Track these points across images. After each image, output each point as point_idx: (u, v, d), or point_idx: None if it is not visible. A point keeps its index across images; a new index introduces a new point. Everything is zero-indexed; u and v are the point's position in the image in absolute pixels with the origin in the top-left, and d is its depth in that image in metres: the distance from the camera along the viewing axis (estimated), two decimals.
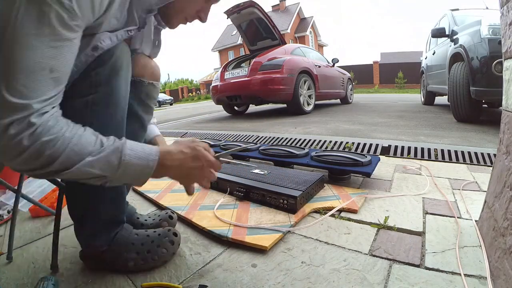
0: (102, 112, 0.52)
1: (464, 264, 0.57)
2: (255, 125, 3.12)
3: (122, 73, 0.54)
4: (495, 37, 2.04)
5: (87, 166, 0.42)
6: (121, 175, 0.46)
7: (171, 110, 9.50)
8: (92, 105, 0.51)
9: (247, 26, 4.38)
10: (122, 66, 0.54)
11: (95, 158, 0.43)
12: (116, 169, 0.45)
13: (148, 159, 0.47)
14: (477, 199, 0.89)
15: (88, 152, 0.42)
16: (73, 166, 0.41)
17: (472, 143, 1.70)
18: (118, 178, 0.46)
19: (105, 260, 0.63)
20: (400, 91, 12.42)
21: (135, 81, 0.66)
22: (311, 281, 0.56)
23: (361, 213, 0.84)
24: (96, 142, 0.44)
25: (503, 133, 0.62)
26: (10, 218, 0.97)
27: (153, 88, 0.71)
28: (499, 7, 0.61)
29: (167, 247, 0.65)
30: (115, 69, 0.52)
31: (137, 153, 0.46)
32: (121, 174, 0.45)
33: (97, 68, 0.50)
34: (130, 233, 0.65)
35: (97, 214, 0.60)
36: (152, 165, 0.48)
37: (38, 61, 0.38)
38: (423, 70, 4.65)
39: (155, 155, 0.48)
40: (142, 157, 0.47)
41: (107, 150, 0.44)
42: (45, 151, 0.39)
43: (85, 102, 0.50)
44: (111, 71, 0.52)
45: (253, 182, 0.97)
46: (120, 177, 0.46)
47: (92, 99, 0.51)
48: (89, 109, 0.51)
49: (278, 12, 23.88)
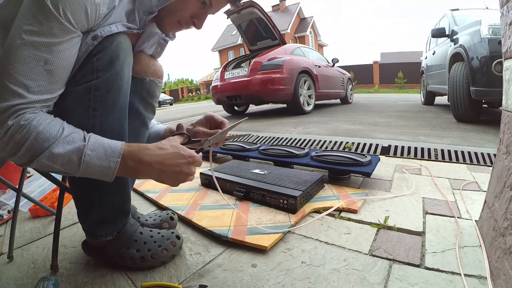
0: (105, 96, 0.52)
1: (464, 264, 0.57)
2: (255, 125, 3.12)
3: (122, 57, 0.53)
4: (495, 37, 2.04)
5: (49, 160, 0.44)
6: (85, 173, 0.47)
7: (171, 110, 9.50)
8: (95, 90, 0.51)
9: (247, 26, 4.38)
10: (122, 50, 0.54)
11: (56, 153, 0.44)
12: (77, 168, 0.46)
13: (110, 160, 0.47)
14: (477, 199, 0.89)
15: (52, 138, 0.44)
16: (37, 157, 0.43)
17: (472, 143, 1.70)
18: (82, 175, 0.47)
19: (106, 253, 0.63)
20: (400, 91, 12.42)
21: (137, 78, 0.66)
22: (311, 281, 0.56)
23: (361, 213, 0.84)
24: (59, 130, 0.45)
25: (503, 133, 0.62)
26: (10, 218, 0.97)
27: (155, 86, 0.71)
28: (499, 7, 0.61)
29: (168, 248, 0.65)
30: (115, 54, 0.52)
31: (98, 153, 0.47)
32: (84, 173, 0.47)
33: (98, 54, 0.50)
34: (135, 230, 0.66)
35: (102, 203, 0.60)
36: (113, 166, 0.48)
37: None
38: (423, 70, 4.65)
39: (117, 156, 0.48)
40: (103, 157, 0.47)
41: (68, 147, 0.45)
42: (15, 136, 0.42)
43: (88, 87, 0.50)
44: (111, 56, 0.52)
45: (253, 182, 0.97)
46: (84, 175, 0.47)
47: (95, 84, 0.51)
48: (92, 94, 0.51)
49: (278, 12, 23.88)
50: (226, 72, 4.06)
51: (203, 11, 0.61)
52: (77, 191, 0.61)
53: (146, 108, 0.70)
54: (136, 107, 0.68)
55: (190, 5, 0.58)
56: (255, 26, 4.28)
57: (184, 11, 0.59)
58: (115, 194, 0.61)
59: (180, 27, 0.62)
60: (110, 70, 0.52)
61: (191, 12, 0.60)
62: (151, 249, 0.63)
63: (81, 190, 0.60)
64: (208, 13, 0.62)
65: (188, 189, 1.11)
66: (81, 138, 0.47)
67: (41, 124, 0.43)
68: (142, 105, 0.69)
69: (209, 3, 0.60)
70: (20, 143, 0.42)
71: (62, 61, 0.45)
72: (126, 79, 0.56)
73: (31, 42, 0.41)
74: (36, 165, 0.45)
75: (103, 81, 0.51)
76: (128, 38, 0.56)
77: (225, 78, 4.02)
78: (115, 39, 0.52)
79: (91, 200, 0.59)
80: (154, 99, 0.72)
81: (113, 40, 0.52)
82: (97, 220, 0.61)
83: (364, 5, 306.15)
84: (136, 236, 0.65)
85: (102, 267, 0.65)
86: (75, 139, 0.46)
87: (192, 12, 0.60)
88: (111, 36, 0.51)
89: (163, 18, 0.60)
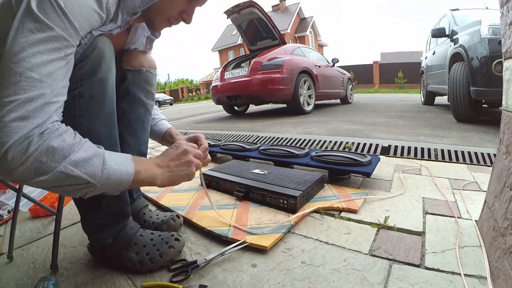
0: (89, 103, 0.53)
1: (464, 264, 0.57)
2: (255, 125, 3.12)
3: (104, 64, 0.54)
4: (495, 37, 2.04)
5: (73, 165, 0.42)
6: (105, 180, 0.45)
7: (171, 110, 9.50)
8: (79, 97, 0.51)
9: (247, 26, 4.38)
10: (104, 56, 0.54)
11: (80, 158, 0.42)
12: (100, 175, 0.44)
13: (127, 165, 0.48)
14: (477, 199, 0.89)
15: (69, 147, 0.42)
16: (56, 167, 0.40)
17: (472, 143, 1.70)
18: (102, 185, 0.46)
19: (107, 255, 0.63)
20: (400, 91, 12.41)
21: (135, 70, 0.73)
22: (311, 281, 0.56)
23: (361, 213, 0.84)
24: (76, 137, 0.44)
25: (503, 133, 0.62)
26: (10, 218, 0.97)
27: (151, 75, 0.77)
28: (499, 7, 0.61)
29: (167, 253, 0.64)
30: (97, 61, 0.52)
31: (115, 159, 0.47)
32: (105, 180, 0.45)
33: (80, 63, 0.50)
34: (135, 233, 0.66)
35: (100, 206, 0.60)
36: (131, 171, 0.48)
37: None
38: (423, 70, 4.65)
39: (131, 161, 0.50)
40: (120, 162, 0.48)
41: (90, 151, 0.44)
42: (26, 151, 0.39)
43: (72, 96, 0.50)
44: (93, 64, 0.52)
45: (253, 182, 0.97)
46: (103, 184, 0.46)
47: (79, 92, 0.51)
48: (76, 102, 0.51)
49: (278, 12, 23.89)
50: (226, 72, 4.06)
51: (191, 6, 0.63)
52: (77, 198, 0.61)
53: (146, 96, 0.77)
54: (138, 95, 0.74)
55: (177, 2, 0.61)
56: (255, 26, 4.29)
57: (172, 9, 0.61)
58: (113, 197, 0.61)
59: (170, 24, 0.65)
60: (93, 78, 0.52)
61: (179, 9, 0.62)
62: (149, 253, 0.63)
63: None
64: (195, 7, 0.64)
65: (188, 189, 1.11)
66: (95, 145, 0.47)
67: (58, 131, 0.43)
68: (143, 93, 0.76)
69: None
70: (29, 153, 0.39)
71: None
72: (111, 84, 0.57)
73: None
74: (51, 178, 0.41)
75: (87, 89, 0.52)
76: (110, 42, 0.57)
77: (225, 78, 4.02)
78: (97, 45, 0.52)
79: (89, 203, 0.59)
80: (152, 87, 0.79)
81: (95, 47, 0.52)
82: (96, 223, 0.61)
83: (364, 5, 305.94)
84: (136, 239, 0.65)
85: (102, 267, 0.65)
86: (91, 146, 0.46)
87: (180, 9, 0.62)
88: (92, 43, 0.51)
89: (153, 17, 0.62)
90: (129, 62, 0.72)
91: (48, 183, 0.41)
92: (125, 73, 0.72)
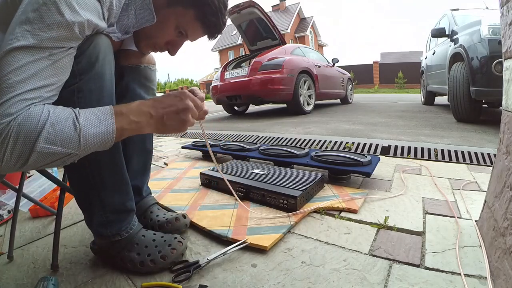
0: (88, 96, 0.52)
1: (464, 264, 0.57)
2: (255, 125, 3.12)
3: (101, 57, 0.54)
4: (495, 37, 2.04)
5: (47, 142, 0.40)
6: (87, 146, 0.44)
7: None
8: (78, 92, 0.51)
9: (247, 26, 4.38)
10: (101, 50, 0.54)
11: (52, 132, 0.41)
12: (78, 144, 0.43)
13: (106, 124, 0.46)
14: (477, 199, 0.89)
15: (37, 124, 0.40)
16: (33, 143, 0.40)
17: (472, 143, 1.70)
18: (85, 151, 0.45)
19: (109, 254, 0.63)
20: (400, 91, 12.42)
21: (133, 67, 0.74)
22: (311, 281, 0.56)
23: (361, 213, 0.84)
24: (44, 111, 0.41)
25: (503, 133, 0.62)
26: (10, 218, 0.97)
27: (150, 71, 0.78)
28: (499, 7, 0.61)
29: (168, 255, 0.63)
30: (94, 55, 0.52)
31: (91, 122, 0.45)
32: (86, 145, 0.44)
33: (77, 58, 0.50)
34: (138, 233, 0.66)
35: (102, 203, 0.60)
36: (111, 129, 0.46)
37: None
38: (423, 70, 4.65)
39: (111, 117, 0.47)
40: (97, 124, 0.45)
41: (63, 123, 0.42)
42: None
43: (71, 91, 0.50)
44: (90, 58, 0.52)
45: (253, 182, 0.97)
46: (86, 149, 0.45)
47: (77, 86, 0.51)
48: (75, 97, 0.51)
49: (278, 12, 23.87)
50: (226, 72, 4.06)
51: (179, 40, 0.64)
52: (76, 193, 0.61)
53: (147, 91, 0.77)
54: (138, 92, 0.75)
55: (166, 33, 0.61)
56: (255, 26, 4.29)
57: (160, 38, 0.63)
58: (114, 193, 0.61)
59: (155, 50, 0.67)
60: (91, 71, 0.52)
61: (166, 39, 0.63)
62: (151, 254, 0.63)
63: (80, 191, 0.60)
64: (184, 42, 0.65)
65: (188, 189, 1.11)
66: (70, 111, 0.44)
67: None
68: (143, 89, 0.76)
69: (185, 34, 0.62)
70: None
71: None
72: (108, 77, 0.56)
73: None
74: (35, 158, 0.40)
75: (85, 83, 0.52)
76: (106, 37, 0.57)
77: (225, 78, 4.02)
78: (93, 40, 0.52)
79: (91, 200, 0.60)
80: (151, 82, 0.79)
81: (91, 42, 0.52)
82: (100, 220, 0.61)
83: (364, 5, 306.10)
84: (138, 239, 0.64)
85: (102, 267, 0.66)
86: (60, 114, 0.43)
87: (167, 40, 0.63)
88: (89, 38, 0.51)
89: (140, 39, 0.64)
90: (126, 59, 0.73)
91: (33, 166, 0.42)
92: (123, 70, 0.72)
